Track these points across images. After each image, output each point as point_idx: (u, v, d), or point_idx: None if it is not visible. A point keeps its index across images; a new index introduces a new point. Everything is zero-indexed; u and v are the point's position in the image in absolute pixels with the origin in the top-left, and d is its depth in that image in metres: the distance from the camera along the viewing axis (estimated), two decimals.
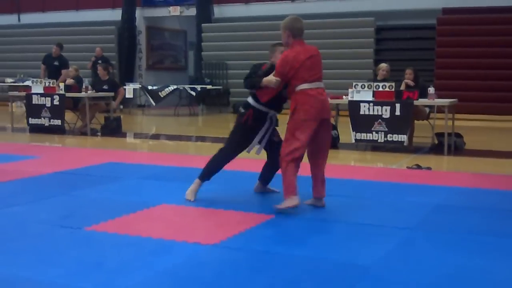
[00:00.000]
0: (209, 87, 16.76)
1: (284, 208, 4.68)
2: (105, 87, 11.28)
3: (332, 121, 9.04)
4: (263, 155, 5.33)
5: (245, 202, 5.13)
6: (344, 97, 8.93)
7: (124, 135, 11.15)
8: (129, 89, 16.44)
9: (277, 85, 4.77)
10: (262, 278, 3.30)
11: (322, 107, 4.73)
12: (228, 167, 5.18)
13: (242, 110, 5.13)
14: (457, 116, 9.38)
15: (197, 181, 5.26)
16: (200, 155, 8.69)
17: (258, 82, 4.86)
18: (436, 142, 8.72)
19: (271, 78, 4.77)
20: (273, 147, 5.21)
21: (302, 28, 4.81)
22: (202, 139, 11.09)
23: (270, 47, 5.14)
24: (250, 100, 5.11)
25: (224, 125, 14.36)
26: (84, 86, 11.07)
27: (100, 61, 15.98)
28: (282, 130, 5.12)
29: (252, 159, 7.82)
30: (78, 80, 11.61)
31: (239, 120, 5.17)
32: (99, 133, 10.94)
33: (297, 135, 4.67)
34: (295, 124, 4.70)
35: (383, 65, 9.22)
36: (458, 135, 8.79)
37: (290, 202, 4.66)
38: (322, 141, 4.90)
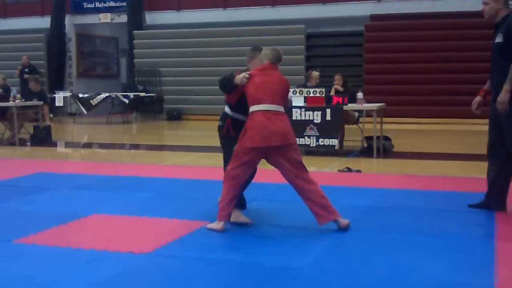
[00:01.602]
0: (142, 94, 16.59)
1: (210, 228, 4.45)
2: (35, 99, 11.10)
3: None
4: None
5: (179, 210, 5.10)
6: None
7: (54, 144, 10.89)
8: (59, 97, 16.08)
9: (243, 82, 4.46)
10: (197, 285, 3.31)
11: (269, 133, 4.30)
12: (159, 174, 5.13)
13: (220, 123, 4.85)
14: (385, 119, 9.66)
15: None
16: (134, 163, 8.60)
17: (229, 80, 4.53)
18: (366, 145, 8.97)
19: (240, 75, 4.50)
20: None
21: (273, 54, 4.70)
22: (136, 147, 10.97)
23: (250, 51, 4.92)
24: (226, 109, 4.85)
25: (158, 131, 14.27)
26: (12, 95, 10.77)
27: (27, 70, 15.57)
28: None
29: (184, 166, 7.82)
30: (6, 89, 11.31)
31: (221, 134, 4.88)
32: (28, 143, 10.66)
33: (239, 159, 4.40)
34: (240, 149, 4.41)
35: (315, 74, 9.41)
36: (387, 138, 9.08)
37: (216, 225, 4.42)
38: (291, 166, 4.45)
